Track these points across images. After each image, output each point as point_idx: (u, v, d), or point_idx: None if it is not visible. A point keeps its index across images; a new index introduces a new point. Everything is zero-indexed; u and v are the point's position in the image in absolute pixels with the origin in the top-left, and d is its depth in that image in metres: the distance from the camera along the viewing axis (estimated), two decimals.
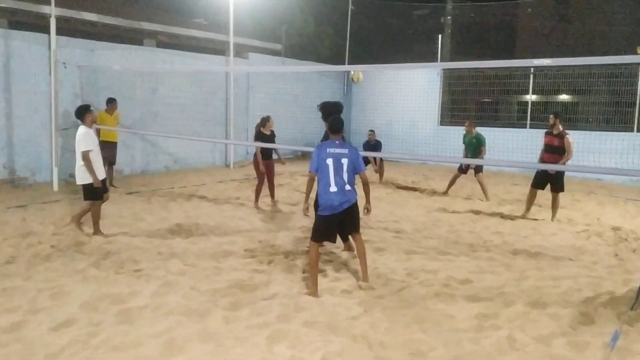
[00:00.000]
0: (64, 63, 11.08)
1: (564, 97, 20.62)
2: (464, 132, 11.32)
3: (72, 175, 9.59)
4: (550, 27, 27.13)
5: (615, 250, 7.23)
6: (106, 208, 8.95)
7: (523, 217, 9.16)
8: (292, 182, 12.66)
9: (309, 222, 8.34)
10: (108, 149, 10.78)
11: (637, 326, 4.58)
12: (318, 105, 6.58)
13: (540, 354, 4.05)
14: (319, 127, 7.68)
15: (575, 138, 9.08)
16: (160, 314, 4.66)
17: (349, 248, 6.60)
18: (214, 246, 6.93)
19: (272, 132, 9.60)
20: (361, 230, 7.81)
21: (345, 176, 5.17)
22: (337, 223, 5.30)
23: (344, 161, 5.18)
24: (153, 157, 13.54)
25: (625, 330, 4.49)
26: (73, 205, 9.19)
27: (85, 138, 7.02)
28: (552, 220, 8.92)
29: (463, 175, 11.41)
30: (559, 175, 8.81)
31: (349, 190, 5.19)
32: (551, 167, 8.46)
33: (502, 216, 9.34)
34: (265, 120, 9.52)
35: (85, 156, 6.97)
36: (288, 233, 7.69)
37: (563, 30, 26.91)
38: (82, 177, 7.14)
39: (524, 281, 5.81)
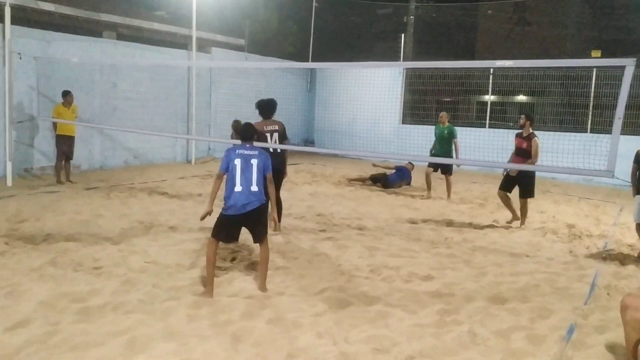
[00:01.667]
0: (19, 54, 10.72)
1: (521, 98, 21.17)
2: (438, 123, 11.04)
3: (27, 170, 9.36)
4: (508, 30, 27.78)
5: (570, 247, 7.47)
6: (64, 204, 8.74)
7: (510, 223, 8.68)
8: None
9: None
10: (65, 143, 10.51)
11: (590, 320, 4.75)
12: (255, 104, 7.50)
13: (500, 348, 4.16)
14: (283, 123, 7.70)
15: None
16: (121, 313, 4.57)
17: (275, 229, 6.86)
18: (176, 243, 6.83)
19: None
20: (325, 227, 7.93)
21: (253, 177, 5.10)
22: (239, 224, 5.17)
23: (253, 162, 5.14)
24: (112, 152, 13.25)
25: (579, 324, 4.65)
26: (28, 200, 8.91)
27: None
28: (521, 226, 8.52)
29: (434, 173, 11.14)
30: (526, 179, 8.37)
31: (256, 191, 5.08)
32: (507, 166, 8.55)
33: (462, 213, 9.53)
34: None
35: None
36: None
37: (521, 33, 27.58)
38: None
39: (483, 277, 5.94)
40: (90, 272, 5.58)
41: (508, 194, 8.65)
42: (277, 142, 7.38)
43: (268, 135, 7.31)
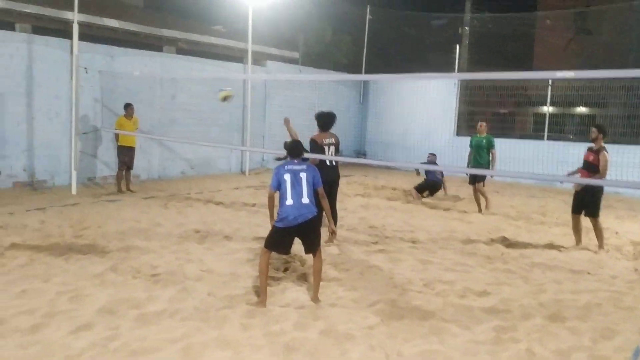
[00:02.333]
0: (85, 68, 11.25)
1: (581, 110, 20.47)
2: (476, 133, 10.73)
3: (90, 179, 9.69)
4: (567, 39, 26.97)
5: (635, 265, 7.13)
6: (124, 212, 9.06)
7: (576, 247, 7.94)
8: None
9: (325, 231, 8.36)
10: (126, 154, 10.90)
11: None
12: (316, 115, 7.64)
13: None
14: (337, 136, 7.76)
15: None
16: (178, 320, 4.68)
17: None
18: (231, 252, 6.95)
19: None
20: (377, 239, 7.89)
21: (303, 190, 5.16)
22: (292, 236, 5.21)
23: (302, 175, 5.22)
24: (170, 163, 13.65)
25: None
26: (91, 208, 9.28)
27: None
28: (599, 250, 7.69)
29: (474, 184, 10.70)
30: (590, 196, 7.67)
31: (307, 203, 5.13)
32: (564, 180, 8.18)
33: (519, 228, 9.27)
34: None
35: None
36: None
37: (580, 43, 26.73)
38: None
39: (542, 294, 5.75)
40: (149, 279, 5.75)
41: (581, 216, 7.87)
42: (334, 154, 7.43)
43: (326, 147, 7.40)
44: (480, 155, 10.53)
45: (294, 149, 5.52)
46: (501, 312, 5.12)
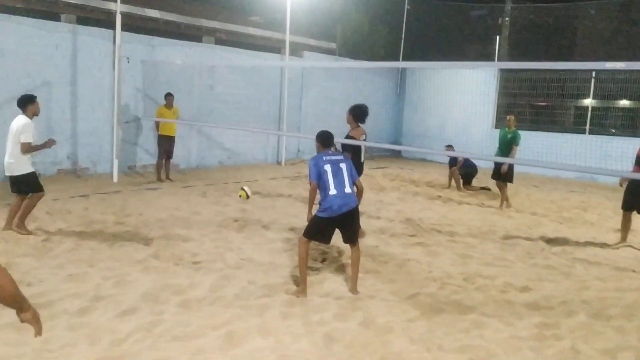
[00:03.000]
0: (127, 58, 11.44)
1: (624, 103, 19.85)
2: (504, 126, 10.35)
3: (131, 167, 9.85)
4: (612, 30, 26.13)
5: None
6: (164, 200, 9.23)
7: (617, 246, 7.56)
8: None
9: (360, 221, 8.35)
10: (166, 143, 11.07)
11: None
12: (352, 108, 7.48)
13: None
14: (371, 126, 7.72)
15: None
16: (219, 307, 4.75)
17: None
18: (269, 242, 7.01)
19: None
20: (415, 232, 7.84)
21: (345, 180, 5.14)
22: (333, 226, 5.18)
23: (342, 165, 5.22)
24: (208, 152, 13.81)
25: None
26: (132, 196, 9.47)
27: (27, 129, 6.60)
28: None
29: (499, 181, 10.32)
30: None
31: (349, 193, 5.12)
32: (604, 173, 7.91)
33: (560, 223, 9.07)
34: None
35: (25, 148, 6.59)
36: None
37: (626, 33, 25.86)
38: (20, 169, 6.69)
39: (585, 291, 5.63)
40: (190, 267, 5.85)
41: (633, 214, 7.53)
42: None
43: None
44: (502, 151, 10.04)
45: (328, 139, 5.50)
46: (543, 309, 5.03)
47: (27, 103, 6.74)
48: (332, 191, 5.08)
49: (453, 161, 12.24)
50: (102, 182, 10.74)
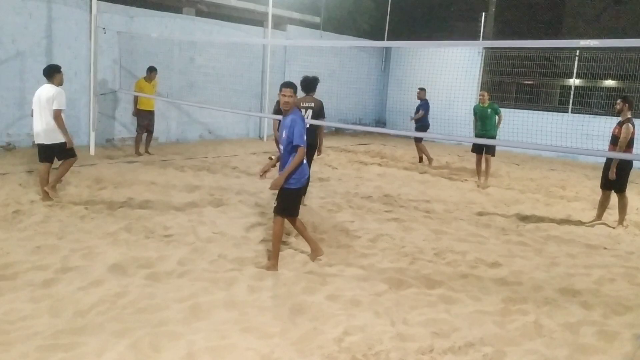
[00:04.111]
0: (104, 28, 11.19)
1: (609, 83, 19.90)
2: (479, 102, 10.49)
3: (109, 140, 9.77)
4: (600, 9, 26.07)
5: None
6: (140, 174, 9.13)
7: (592, 224, 7.65)
8: (323, 157, 12.58)
9: (339, 196, 8.33)
10: (146, 117, 10.91)
11: None
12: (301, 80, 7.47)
13: (567, 342, 3.96)
14: (355, 102, 7.63)
15: None
16: (187, 280, 4.72)
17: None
18: (244, 216, 6.97)
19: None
20: (391, 208, 7.85)
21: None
22: (300, 196, 5.33)
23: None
24: (188, 127, 13.66)
25: None
26: (108, 169, 9.35)
27: (60, 97, 6.93)
28: (619, 226, 7.51)
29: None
30: (619, 171, 7.33)
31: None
32: (585, 152, 8.03)
33: (537, 201, 9.12)
34: None
35: (59, 115, 6.92)
36: (316, 207, 7.67)
37: (614, 13, 25.81)
38: (55, 137, 7.01)
39: (554, 267, 5.68)
40: (161, 240, 5.80)
41: (611, 193, 7.63)
42: (310, 118, 7.26)
43: (303, 110, 7.16)
44: (486, 125, 10.24)
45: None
46: (512, 284, 5.07)
47: (54, 72, 7.07)
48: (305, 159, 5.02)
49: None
50: (78, 155, 10.50)
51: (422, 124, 12.45)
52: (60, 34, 10.90)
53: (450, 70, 17.00)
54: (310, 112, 7.35)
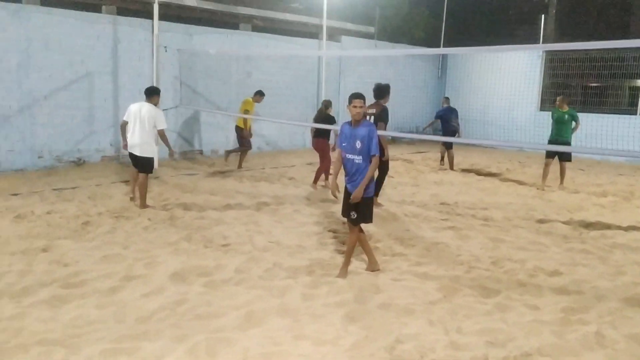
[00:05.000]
0: (165, 47, 11.68)
1: None
2: (556, 107, 10.33)
3: (170, 154, 10.07)
4: None
5: None
6: (201, 186, 9.43)
7: None
8: None
9: (394, 205, 8.31)
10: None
11: None
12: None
13: (631, 353, 3.79)
14: (411, 111, 7.64)
15: None
16: (243, 288, 4.85)
17: None
18: (299, 226, 7.07)
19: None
20: (448, 216, 7.76)
21: None
22: None
23: None
24: None
25: None
26: (171, 181, 9.70)
27: (161, 117, 7.71)
28: None
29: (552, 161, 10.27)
30: None
31: None
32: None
33: (603, 207, 8.76)
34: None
35: (163, 133, 7.70)
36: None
37: None
38: (146, 151, 7.67)
39: (620, 276, 5.44)
40: (219, 249, 5.97)
41: None
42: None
43: (368, 117, 7.55)
44: (562, 130, 10.10)
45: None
46: (572, 293, 4.89)
47: (154, 94, 7.84)
48: None
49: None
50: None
51: (451, 129, 12.32)
52: (125, 53, 11.46)
53: (509, 75, 16.64)
54: (372, 118, 7.51)
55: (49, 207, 7.53)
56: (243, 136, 11.32)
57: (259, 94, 11.29)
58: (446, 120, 12.40)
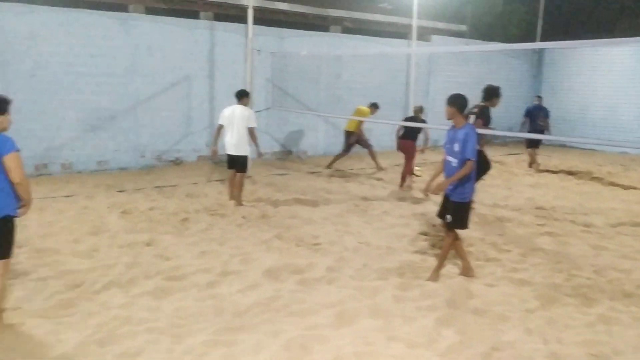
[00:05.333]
0: (259, 50, 12.03)
1: None
2: None
3: (260, 155, 10.47)
4: None
5: None
6: (290, 186, 9.64)
7: None
8: None
9: (486, 208, 8.08)
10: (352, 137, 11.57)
11: None
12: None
13: None
14: (504, 110, 7.43)
15: None
16: (335, 287, 4.92)
17: None
18: (388, 227, 7.05)
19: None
20: (545, 221, 7.44)
21: None
22: None
23: None
24: (334, 140, 14.09)
25: None
26: (263, 181, 9.98)
27: (253, 116, 8.09)
28: None
29: None
30: None
31: None
32: None
33: None
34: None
35: (254, 131, 8.07)
36: None
37: None
38: (242, 150, 8.04)
39: None
40: (310, 248, 6.09)
41: None
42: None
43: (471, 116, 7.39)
44: None
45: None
46: None
47: (244, 96, 8.14)
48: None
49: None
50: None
51: (537, 128, 12.19)
52: (220, 57, 11.92)
53: (611, 73, 15.68)
54: (472, 117, 7.39)
55: (151, 204, 7.98)
56: (352, 142, 11.53)
57: (375, 106, 11.44)
58: (533, 119, 12.23)
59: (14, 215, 4.00)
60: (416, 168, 9.69)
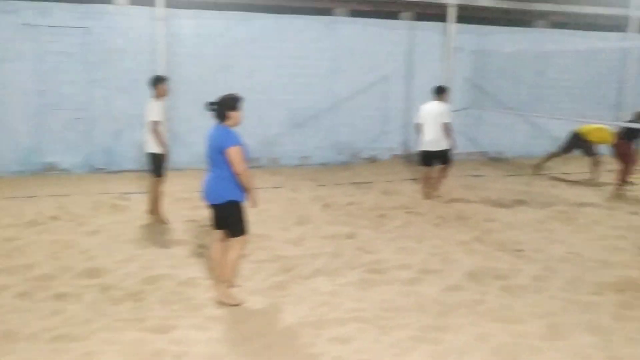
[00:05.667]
0: (461, 48, 11.83)
1: None
2: None
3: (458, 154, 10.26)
4: None
5: None
6: (488, 186, 9.35)
7: None
8: None
9: None
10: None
11: None
12: None
13: None
14: None
15: None
16: (544, 297, 4.67)
17: None
18: (600, 238, 6.48)
19: None
20: None
21: None
22: None
23: None
24: (534, 141, 13.30)
25: None
26: (455, 182, 9.80)
27: (448, 112, 8.25)
28: None
29: None
30: None
31: None
32: None
33: None
34: None
35: (449, 126, 8.19)
36: None
37: None
38: (441, 145, 8.20)
39: None
40: (512, 253, 5.86)
41: None
42: None
43: None
44: None
45: None
46: None
47: (442, 92, 8.46)
48: None
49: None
50: (470, 166, 11.43)
51: None
52: (418, 57, 11.97)
53: None
54: None
55: (350, 199, 8.34)
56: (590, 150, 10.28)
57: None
58: None
59: (239, 201, 4.47)
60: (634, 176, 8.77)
